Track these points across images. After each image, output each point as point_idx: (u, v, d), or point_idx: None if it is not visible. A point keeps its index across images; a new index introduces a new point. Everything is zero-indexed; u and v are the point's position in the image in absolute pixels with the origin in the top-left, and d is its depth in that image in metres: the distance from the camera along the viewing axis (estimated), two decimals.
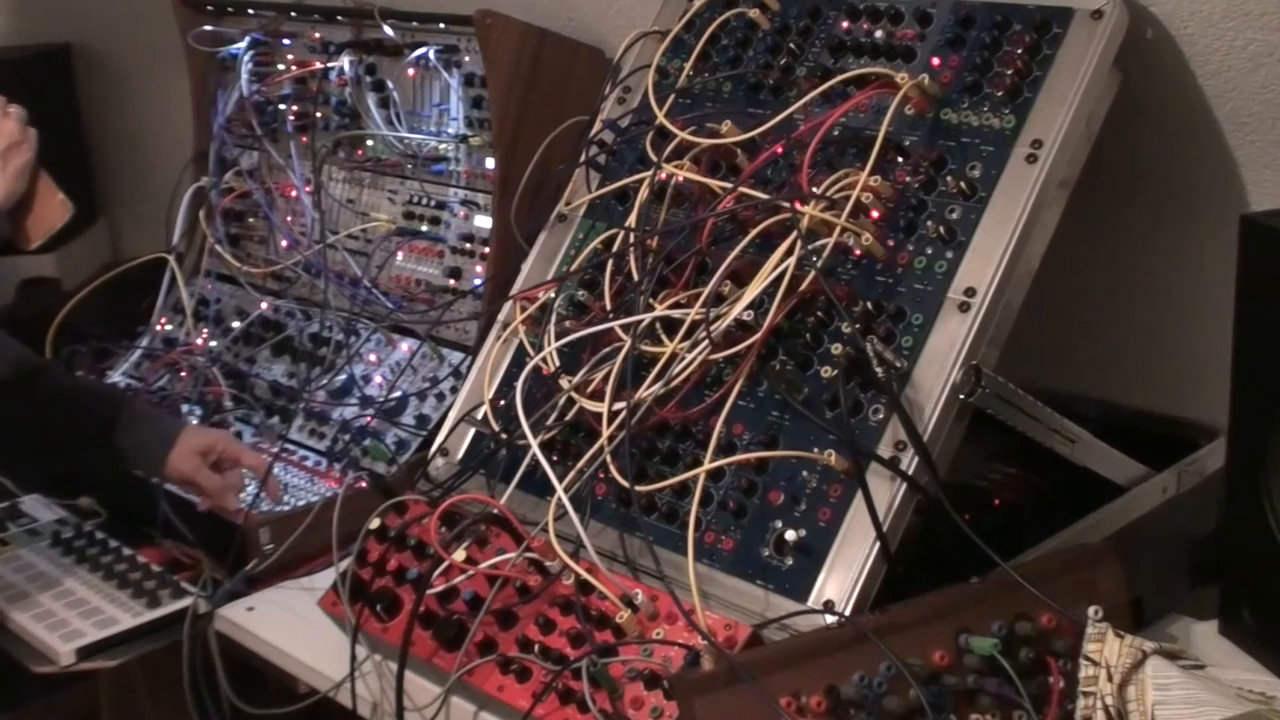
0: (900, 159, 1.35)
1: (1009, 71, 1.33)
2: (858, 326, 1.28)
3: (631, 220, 1.48)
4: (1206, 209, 1.50)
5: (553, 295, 1.51)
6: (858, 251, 1.33)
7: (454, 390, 1.73)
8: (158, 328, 2.15)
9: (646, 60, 1.58)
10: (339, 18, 1.98)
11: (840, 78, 1.40)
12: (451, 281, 1.88)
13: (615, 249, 1.48)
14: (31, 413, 1.72)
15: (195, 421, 1.95)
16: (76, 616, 1.61)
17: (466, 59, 1.84)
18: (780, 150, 1.40)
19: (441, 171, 1.90)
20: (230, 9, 2.11)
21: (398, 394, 1.84)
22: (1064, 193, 1.31)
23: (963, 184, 1.31)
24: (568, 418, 1.40)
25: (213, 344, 2.08)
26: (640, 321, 1.37)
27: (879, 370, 1.23)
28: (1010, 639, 1.14)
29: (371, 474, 1.68)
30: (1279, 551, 1.27)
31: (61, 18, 2.80)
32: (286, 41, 2.05)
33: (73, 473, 1.81)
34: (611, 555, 1.32)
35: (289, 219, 2.07)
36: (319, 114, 2.00)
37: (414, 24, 1.88)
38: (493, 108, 1.78)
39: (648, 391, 1.34)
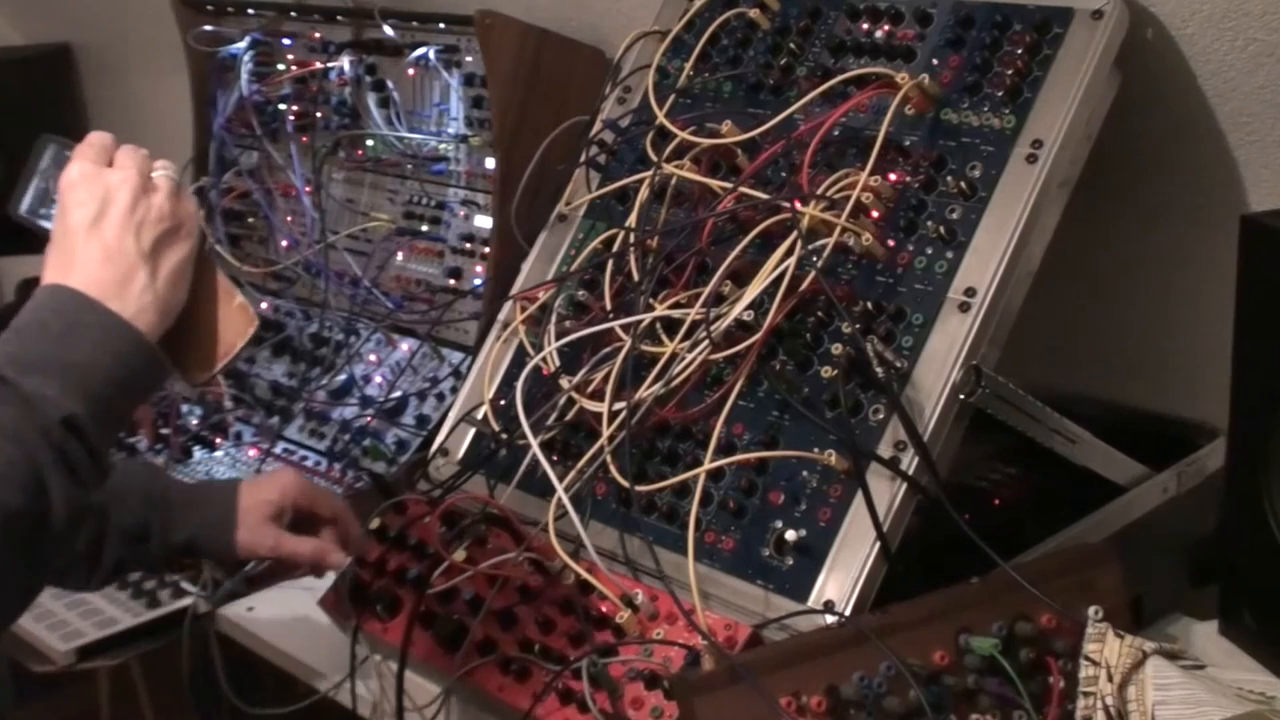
0: (900, 159, 1.35)
1: (1009, 71, 1.33)
2: (858, 326, 1.28)
3: (631, 220, 1.48)
4: (1206, 209, 1.50)
5: (553, 295, 1.51)
6: (858, 251, 1.33)
7: (454, 390, 1.73)
8: None
9: (647, 60, 1.58)
10: (339, 18, 1.97)
11: (840, 78, 1.40)
12: (451, 281, 1.88)
13: (615, 249, 1.48)
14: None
15: (196, 421, 1.95)
16: (76, 616, 1.61)
17: (466, 59, 1.84)
18: (780, 150, 1.39)
19: (441, 171, 1.90)
20: (230, 9, 2.10)
21: (398, 394, 1.84)
22: (1064, 193, 1.31)
23: (963, 184, 1.31)
24: (568, 418, 1.40)
25: None
26: (640, 321, 1.37)
27: (879, 370, 1.23)
28: (1010, 639, 1.14)
29: (371, 474, 1.68)
30: (1279, 551, 1.27)
31: (61, 18, 2.80)
32: (286, 41, 2.04)
33: (103, 580, 1.37)
34: (611, 555, 1.32)
35: (289, 219, 2.07)
36: (319, 114, 2.00)
37: (414, 24, 1.88)
38: (493, 108, 1.78)
39: (648, 391, 1.34)
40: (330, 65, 1.95)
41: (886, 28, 1.43)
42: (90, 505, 1.01)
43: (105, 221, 1.05)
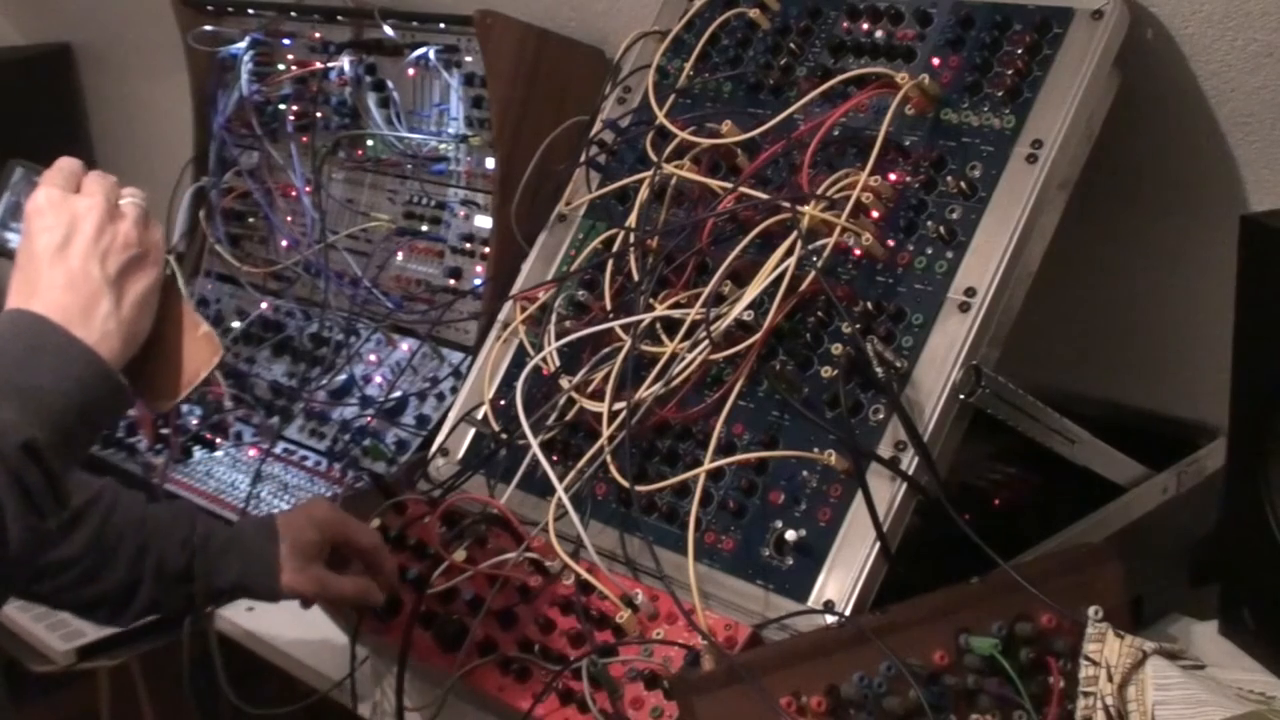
0: (900, 159, 1.35)
1: (1009, 71, 1.33)
2: (858, 326, 1.28)
3: (631, 220, 1.48)
4: (1206, 209, 1.50)
5: (553, 295, 1.51)
6: (858, 251, 1.33)
7: (454, 390, 1.73)
8: None
9: (647, 60, 1.58)
10: (339, 18, 1.97)
11: (840, 78, 1.40)
12: (451, 281, 1.88)
13: (615, 249, 1.48)
14: (86, 557, 1.30)
15: (196, 421, 1.94)
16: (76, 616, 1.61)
17: (466, 59, 1.84)
18: (780, 150, 1.39)
19: (441, 171, 1.90)
20: (230, 9, 2.10)
21: (398, 394, 1.84)
22: (1064, 193, 1.31)
23: (963, 184, 1.31)
24: (568, 418, 1.40)
25: None
26: (640, 321, 1.37)
27: (879, 370, 1.23)
28: (1010, 639, 1.14)
29: (371, 474, 1.68)
30: (1279, 551, 1.27)
31: (61, 18, 2.80)
32: (286, 41, 2.04)
33: (133, 618, 1.35)
34: (611, 555, 1.32)
35: (289, 219, 2.07)
36: (319, 114, 2.00)
37: (414, 24, 1.88)
38: (493, 108, 1.78)
39: (648, 391, 1.34)
40: (330, 65, 1.95)
41: (886, 28, 1.43)
42: (50, 533, 1.00)
43: (70, 248, 1.04)
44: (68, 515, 1.21)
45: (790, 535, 1.25)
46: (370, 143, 1.97)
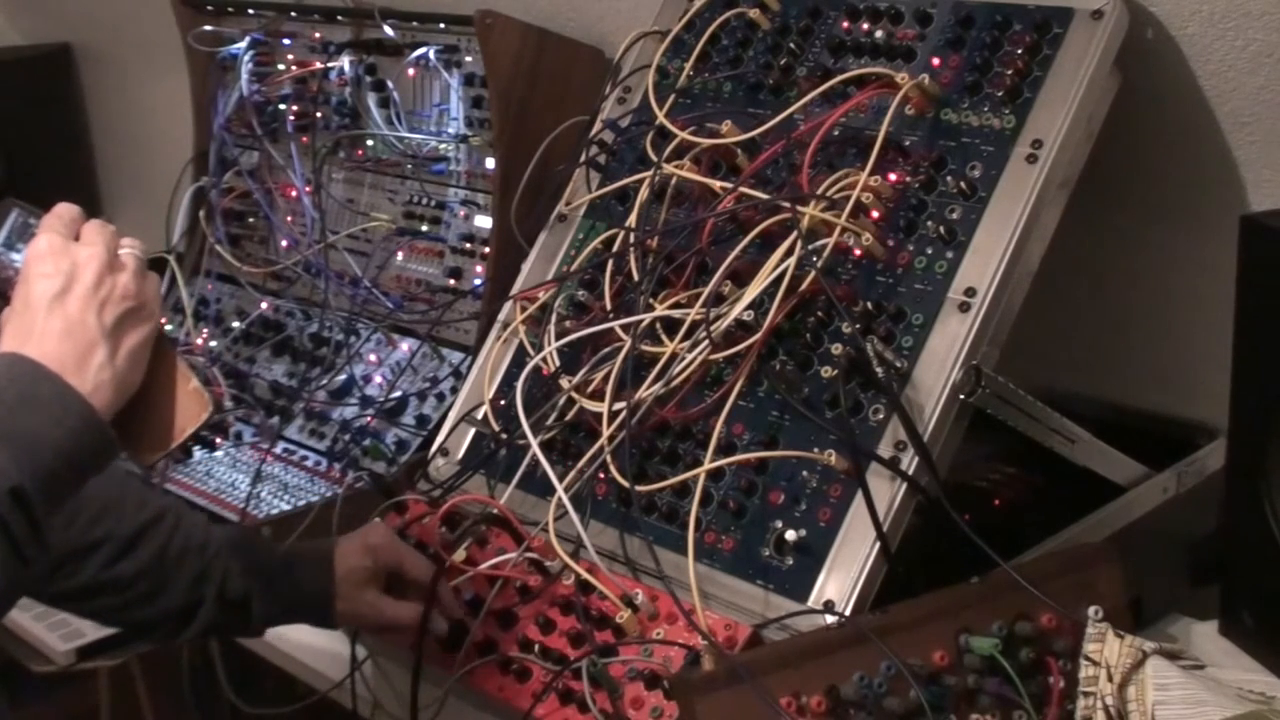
0: (900, 159, 1.35)
1: (1009, 71, 1.33)
2: (858, 326, 1.28)
3: (631, 220, 1.48)
4: (1206, 209, 1.50)
5: (553, 295, 1.51)
6: (858, 251, 1.33)
7: (454, 390, 1.73)
8: None
9: (646, 60, 1.58)
10: (339, 18, 1.98)
11: (840, 78, 1.40)
12: (451, 281, 1.88)
13: (615, 249, 1.48)
14: (144, 579, 1.29)
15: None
16: (76, 616, 1.61)
17: (466, 59, 1.84)
18: (780, 150, 1.39)
19: (441, 171, 1.90)
20: (230, 9, 2.11)
21: (398, 394, 1.84)
22: (1064, 193, 1.31)
23: (963, 184, 1.31)
24: (568, 418, 1.40)
25: (213, 344, 2.08)
26: (640, 321, 1.37)
27: (879, 370, 1.24)
28: (1010, 639, 1.14)
29: (371, 474, 1.68)
30: (1279, 551, 1.27)
31: (61, 18, 2.80)
32: (286, 41, 2.04)
33: (191, 639, 1.36)
34: (612, 555, 1.32)
35: (289, 219, 2.07)
36: (319, 114, 2.00)
37: (414, 24, 1.88)
38: (493, 108, 1.78)
39: (648, 391, 1.34)
40: (330, 65, 1.95)
41: (886, 28, 1.43)
42: (31, 580, 1.00)
43: (69, 296, 1.03)
44: (129, 534, 1.27)
45: (790, 535, 1.25)
46: (370, 143, 1.97)
